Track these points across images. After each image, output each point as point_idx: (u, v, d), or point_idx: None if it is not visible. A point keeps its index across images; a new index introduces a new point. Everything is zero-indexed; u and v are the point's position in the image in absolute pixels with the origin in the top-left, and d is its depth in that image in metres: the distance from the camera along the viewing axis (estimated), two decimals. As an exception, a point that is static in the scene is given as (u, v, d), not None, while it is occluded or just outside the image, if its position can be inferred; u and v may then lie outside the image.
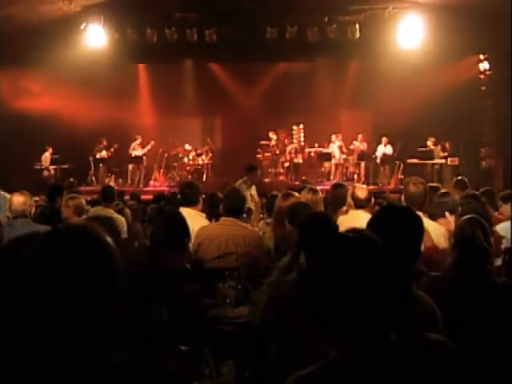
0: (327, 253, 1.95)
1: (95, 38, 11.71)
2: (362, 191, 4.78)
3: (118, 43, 12.23)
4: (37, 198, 7.18)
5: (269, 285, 2.77)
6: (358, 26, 11.62)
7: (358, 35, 11.74)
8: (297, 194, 4.67)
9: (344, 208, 5.21)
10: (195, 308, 2.82)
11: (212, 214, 5.21)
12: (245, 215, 4.96)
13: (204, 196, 5.39)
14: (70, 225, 1.49)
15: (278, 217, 4.59)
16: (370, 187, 9.64)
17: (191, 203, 4.83)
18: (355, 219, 4.79)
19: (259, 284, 3.68)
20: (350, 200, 4.82)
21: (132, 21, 11.78)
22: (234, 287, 3.52)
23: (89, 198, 9.28)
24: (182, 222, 3.25)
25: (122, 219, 5.62)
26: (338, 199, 5.30)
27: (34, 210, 4.66)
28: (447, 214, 4.67)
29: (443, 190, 5.08)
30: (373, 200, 4.96)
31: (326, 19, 11.54)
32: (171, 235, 3.14)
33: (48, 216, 4.54)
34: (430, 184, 6.06)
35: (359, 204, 4.72)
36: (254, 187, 8.18)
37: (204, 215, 4.91)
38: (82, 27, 11.38)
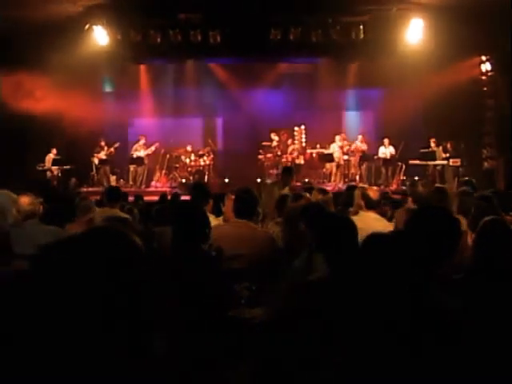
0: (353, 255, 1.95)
1: (98, 38, 11.68)
2: (373, 192, 4.79)
3: (121, 44, 12.25)
4: (40, 199, 7.16)
5: (291, 287, 2.75)
6: (361, 27, 11.62)
7: (361, 36, 11.75)
8: (307, 195, 4.68)
9: (352, 209, 5.22)
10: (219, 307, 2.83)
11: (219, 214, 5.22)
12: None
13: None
14: (104, 227, 1.54)
15: (289, 217, 4.60)
16: (373, 188, 9.65)
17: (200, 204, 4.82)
18: (366, 220, 4.80)
19: (272, 285, 3.68)
20: (359, 201, 4.82)
21: (135, 22, 11.78)
22: (248, 288, 3.51)
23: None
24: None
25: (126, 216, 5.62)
26: (351, 200, 5.31)
27: (41, 209, 4.66)
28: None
29: (463, 189, 5.09)
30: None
31: (330, 20, 11.55)
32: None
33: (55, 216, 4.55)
34: (437, 185, 6.07)
35: (370, 205, 4.72)
36: (287, 189, 8.09)
37: (213, 215, 4.91)
38: (85, 28, 11.36)
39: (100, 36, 11.63)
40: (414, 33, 11.81)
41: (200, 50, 12.77)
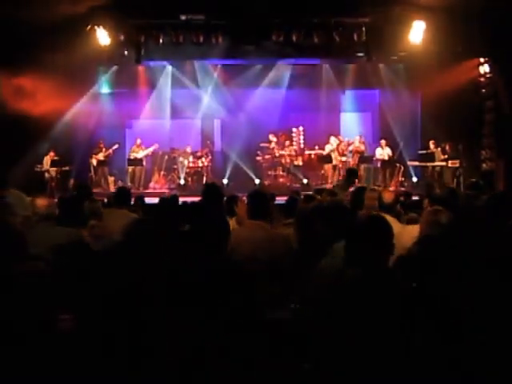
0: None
1: (100, 39, 11.62)
2: (388, 195, 4.78)
3: (123, 45, 12.24)
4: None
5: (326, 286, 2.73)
6: (364, 28, 11.64)
7: (363, 38, 11.77)
8: (319, 197, 4.67)
9: (363, 211, 5.22)
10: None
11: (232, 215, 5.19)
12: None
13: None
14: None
15: (302, 219, 4.58)
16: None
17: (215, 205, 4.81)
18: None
19: (291, 286, 3.67)
20: (374, 202, 4.81)
21: (137, 22, 11.76)
22: (269, 290, 3.50)
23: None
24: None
25: (135, 217, 5.59)
26: (357, 202, 5.31)
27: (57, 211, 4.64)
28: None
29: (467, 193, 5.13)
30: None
31: (333, 21, 11.57)
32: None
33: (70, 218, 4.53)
34: (449, 187, 6.11)
35: (385, 207, 4.71)
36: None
37: (228, 216, 4.88)
38: (87, 29, 11.31)
39: (102, 37, 11.56)
40: (416, 34, 11.83)
41: (202, 51, 12.76)
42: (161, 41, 11.94)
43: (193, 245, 3.47)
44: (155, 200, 9.08)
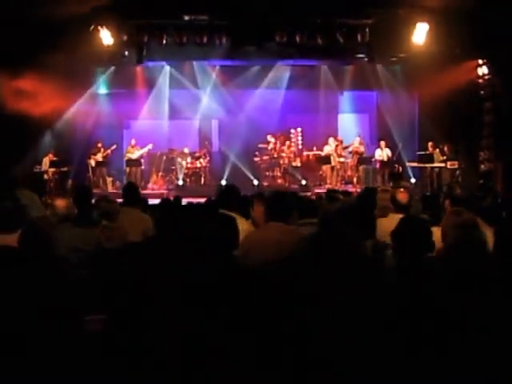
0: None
1: (103, 39, 11.59)
2: (403, 195, 4.79)
3: (125, 45, 12.23)
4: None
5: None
6: (367, 30, 11.68)
7: (367, 39, 11.81)
8: (342, 197, 4.67)
9: (377, 211, 5.22)
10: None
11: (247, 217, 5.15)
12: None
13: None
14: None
15: (326, 219, 4.56)
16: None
17: (231, 207, 4.76)
18: (395, 223, 4.81)
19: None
20: (388, 203, 4.82)
21: (140, 22, 11.75)
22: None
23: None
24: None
25: (148, 217, 5.56)
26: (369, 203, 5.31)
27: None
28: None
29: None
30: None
31: (338, 22, 11.60)
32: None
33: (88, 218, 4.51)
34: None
35: (399, 208, 4.71)
36: None
37: (244, 218, 4.85)
38: (90, 29, 11.27)
39: (105, 37, 11.52)
40: (419, 36, 11.88)
41: (204, 52, 12.77)
42: (164, 41, 11.94)
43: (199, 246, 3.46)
44: (154, 201, 9.12)
